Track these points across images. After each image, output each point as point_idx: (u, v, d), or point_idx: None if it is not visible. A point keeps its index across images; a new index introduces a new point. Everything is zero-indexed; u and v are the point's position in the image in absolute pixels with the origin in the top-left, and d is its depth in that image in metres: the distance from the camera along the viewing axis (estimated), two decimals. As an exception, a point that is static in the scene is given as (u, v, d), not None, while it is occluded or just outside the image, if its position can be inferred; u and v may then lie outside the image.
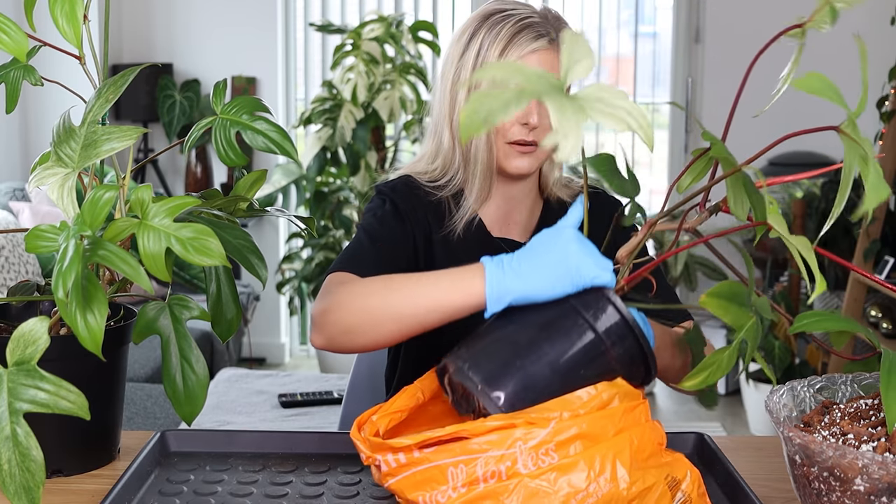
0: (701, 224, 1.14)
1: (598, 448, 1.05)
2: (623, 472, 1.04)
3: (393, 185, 1.58)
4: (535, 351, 1.09)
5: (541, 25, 1.49)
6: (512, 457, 1.03)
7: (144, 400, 3.17)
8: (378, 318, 1.23)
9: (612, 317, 1.10)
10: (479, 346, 1.12)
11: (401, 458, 1.06)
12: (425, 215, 1.56)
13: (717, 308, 1.05)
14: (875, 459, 0.97)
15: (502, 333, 1.13)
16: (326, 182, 4.45)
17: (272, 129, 1.24)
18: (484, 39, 1.50)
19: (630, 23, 4.96)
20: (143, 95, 4.58)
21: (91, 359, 1.09)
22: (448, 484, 1.04)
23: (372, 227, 1.51)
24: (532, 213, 1.63)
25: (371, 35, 4.22)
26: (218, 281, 1.29)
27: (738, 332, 1.07)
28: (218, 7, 4.71)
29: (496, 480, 1.03)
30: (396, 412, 1.17)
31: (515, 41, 1.48)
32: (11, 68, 1.28)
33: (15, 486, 1.04)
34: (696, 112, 4.68)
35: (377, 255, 1.47)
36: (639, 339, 1.11)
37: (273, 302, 4.84)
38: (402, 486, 1.07)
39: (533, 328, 1.11)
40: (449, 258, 1.55)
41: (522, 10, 1.51)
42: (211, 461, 1.30)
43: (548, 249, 1.13)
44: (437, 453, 1.05)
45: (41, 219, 3.78)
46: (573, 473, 1.03)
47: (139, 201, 1.10)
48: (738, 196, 1.09)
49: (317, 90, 4.69)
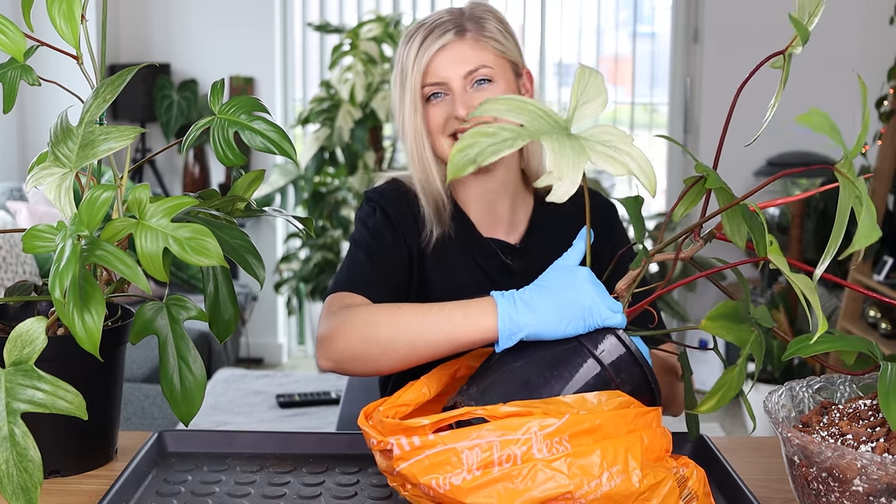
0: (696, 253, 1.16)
1: (612, 442, 1.06)
2: (635, 464, 1.05)
3: (382, 192, 1.58)
4: (544, 386, 1.13)
5: (449, 23, 1.51)
6: (528, 442, 1.04)
7: (142, 400, 3.16)
8: (386, 349, 1.25)
9: (619, 350, 1.14)
10: (488, 383, 1.16)
11: (415, 441, 1.07)
12: (414, 220, 1.56)
13: (719, 329, 1.07)
14: (874, 460, 0.97)
15: (511, 369, 1.16)
16: (324, 182, 4.45)
17: (270, 128, 1.24)
18: (403, 52, 1.53)
19: (628, 23, 4.96)
20: (141, 95, 4.58)
21: (88, 359, 1.09)
22: (462, 467, 1.05)
23: (366, 240, 1.52)
24: (517, 208, 1.61)
25: (369, 35, 4.22)
26: (216, 281, 1.28)
27: (743, 347, 1.08)
28: (215, 7, 4.71)
29: (511, 464, 1.04)
30: (402, 405, 1.19)
31: (423, 45, 1.50)
32: (9, 68, 1.28)
33: (13, 486, 1.04)
34: (694, 112, 4.68)
35: (376, 272, 1.48)
36: (644, 370, 1.15)
37: (271, 302, 4.84)
38: (415, 470, 1.07)
39: (542, 364, 1.15)
40: (441, 260, 1.55)
41: (436, 17, 1.53)
42: (208, 462, 1.29)
43: (562, 288, 1.16)
44: (452, 436, 1.06)
45: (38, 219, 3.78)
46: (586, 460, 1.04)
47: (137, 201, 1.10)
48: (735, 225, 1.09)
49: (315, 90, 4.69)
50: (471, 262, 1.56)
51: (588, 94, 1.01)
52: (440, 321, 1.21)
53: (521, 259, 1.57)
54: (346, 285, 1.44)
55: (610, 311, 1.14)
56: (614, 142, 0.99)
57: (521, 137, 0.94)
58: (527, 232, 1.61)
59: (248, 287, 4.48)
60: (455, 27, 1.50)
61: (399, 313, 1.26)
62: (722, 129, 1.13)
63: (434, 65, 1.49)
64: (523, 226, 1.61)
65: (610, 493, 1.04)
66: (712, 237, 1.15)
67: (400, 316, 1.26)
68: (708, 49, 4.57)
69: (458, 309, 1.21)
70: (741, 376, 1.09)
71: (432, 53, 1.49)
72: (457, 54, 1.49)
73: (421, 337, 1.22)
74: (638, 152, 0.99)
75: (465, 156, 0.92)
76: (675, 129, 4.77)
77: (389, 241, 1.52)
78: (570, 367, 1.14)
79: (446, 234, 1.56)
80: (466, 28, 1.50)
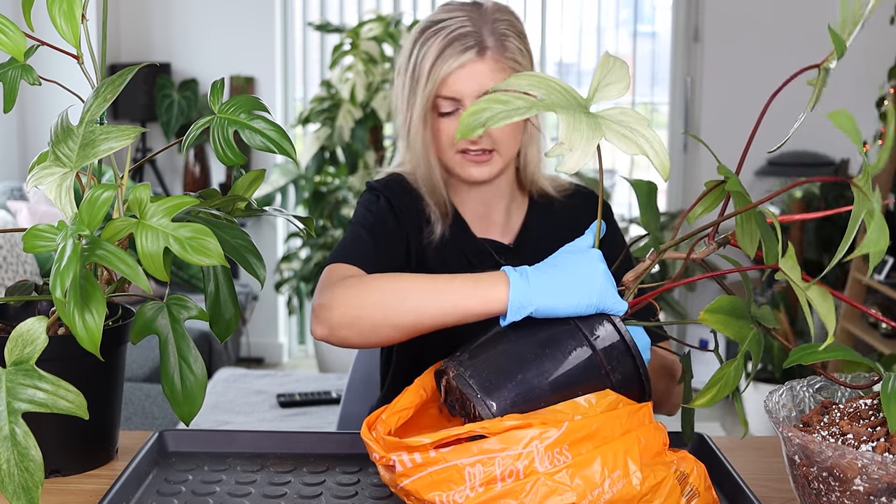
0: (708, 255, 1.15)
1: (610, 447, 1.06)
2: (634, 467, 1.05)
3: (386, 183, 1.58)
4: (537, 366, 1.13)
5: (472, 36, 1.47)
6: (529, 456, 1.04)
7: (143, 400, 3.16)
8: (390, 315, 1.23)
9: (613, 337, 1.14)
10: (483, 355, 1.15)
11: (416, 458, 1.06)
12: (417, 214, 1.56)
13: (717, 323, 1.07)
14: (874, 459, 0.97)
15: (507, 345, 1.16)
16: (325, 182, 4.45)
17: (270, 128, 1.24)
18: (417, 54, 1.49)
19: (629, 22, 4.96)
20: (142, 95, 4.58)
21: (89, 358, 1.09)
22: (465, 484, 1.04)
23: (368, 221, 1.51)
24: (512, 212, 1.62)
25: (370, 34, 4.21)
26: (216, 281, 1.28)
27: (741, 344, 1.08)
28: (216, 6, 4.71)
29: (514, 479, 1.04)
30: (403, 409, 1.18)
31: (442, 56, 1.46)
32: (9, 68, 1.28)
33: (14, 485, 1.04)
34: (694, 112, 4.68)
35: (376, 249, 1.46)
36: (636, 362, 1.14)
37: (271, 302, 4.84)
38: (418, 487, 1.06)
39: (537, 343, 1.14)
40: (438, 258, 1.55)
41: (457, 19, 1.48)
42: (209, 461, 1.29)
43: (576, 268, 1.15)
44: (454, 453, 1.05)
45: (39, 218, 3.78)
46: (588, 470, 1.04)
47: (137, 201, 1.10)
48: (747, 231, 1.09)
49: (315, 90, 4.69)
50: (465, 263, 1.56)
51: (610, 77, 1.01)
52: (449, 290, 1.19)
53: (515, 259, 1.56)
54: (345, 257, 1.41)
55: (617, 298, 1.14)
56: (631, 123, 0.99)
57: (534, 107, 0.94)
58: (520, 233, 1.61)
59: (248, 286, 4.48)
60: (476, 44, 1.46)
61: (405, 280, 1.24)
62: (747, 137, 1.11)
63: (450, 80, 1.47)
64: (517, 227, 1.61)
65: (612, 499, 1.04)
66: (727, 242, 1.14)
67: (406, 282, 1.23)
68: (708, 48, 4.57)
69: (468, 280, 1.19)
70: (738, 372, 1.09)
71: (451, 70, 1.46)
72: (475, 74, 1.46)
73: (427, 305, 1.20)
74: (653, 135, 0.99)
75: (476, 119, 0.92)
76: (675, 129, 4.76)
77: (392, 227, 1.51)
78: (563, 347, 1.13)
79: (443, 234, 1.56)
80: (487, 46, 1.46)
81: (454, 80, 1.47)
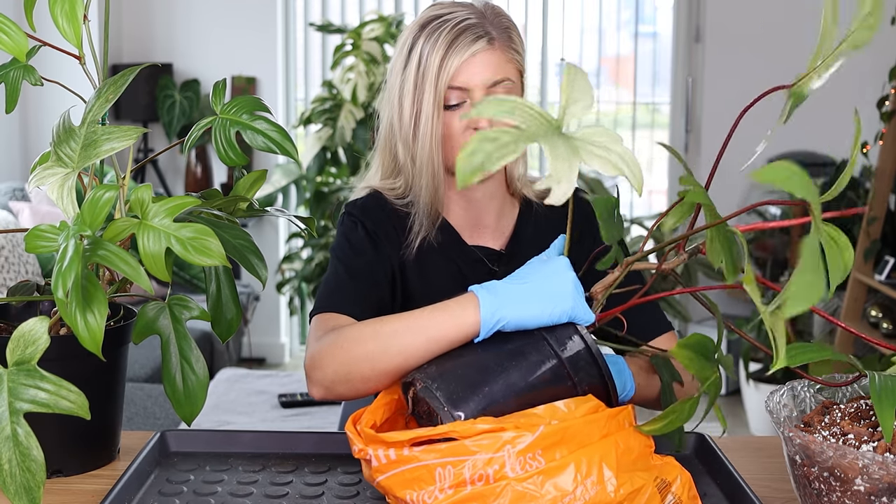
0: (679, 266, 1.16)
1: (585, 451, 1.05)
2: (610, 474, 1.04)
3: (363, 205, 1.55)
4: (503, 377, 1.14)
5: (479, 27, 1.46)
6: (500, 460, 1.03)
7: (144, 400, 3.17)
8: (376, 364, 1.23)
9: (578, 346, 1.15)
10: (449, 367, 1.16)
11: (391, 455, 1.07)
12: (396, 233, 1.53)
13: (685, 358, 1.09)
14: (875, 459, 0.97)
15: (473, 356, 1.17)
16: (326, 182, 4.45)
17: (272, 128, 1.24)
18: (423, 49, 1.47)
19: (630, 22, 4.96)
20: (143, 95, 4.58)
21: (91, 359, 1.09)
22: (435, 485, 1.04)
23: (348, 257, 1.49)
24: (503, 215, 1.59)
25: (371, 35, 4.22)
26: (218, 281, 1.29)
27: (702, 383, 1.10)
28: (218, 7, 4.71)
29: (483, 483, 1.03)
30: (383, 405, 1.20)
31: (455, 47, 1.45)
32: (11, 68, 1.28)
33: (15, 486, 1.04)
34: (696, 112, 4.68)
35: (357, 289, 1.45)
36: (602, 371, 1.15)
37: (273, 302, 4.84)
38: (392, 484, 1.07)
39: (503, 355, 1.16)
40: (424, 270, 1.53)
41: (459, 13, 1.48)
42: (211, 461, 1.30)
43: (547, 280, 1.17)
44: (426, 452, 1.05)
45: (41, 219, 3.78)
46: (560, 476, 1.03)
47: (139, 201, 1.10)
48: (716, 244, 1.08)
49: (317, 90, 4.69)
50: (454, 271, 1.54)
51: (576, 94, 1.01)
52: (425, 324, 1.20)
53: (508, 265, 1.54)
54: (329, 305, 1.42)
55: (586, 308, 1.16)
56: (606, 143, 0.99)
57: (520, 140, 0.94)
58: (512, 237, 1.58)
59: (250, 287, 4.48)
60: (486, 33, 1.46)
61: (383, 326, 1.24)
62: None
63: (463, 69, 1.45)
64: (508, 231, 1.59)
65: None
66: (697, 252, 1.14)
67: (385, 328, 1.23)
68: (710, 49, 4.57)
69: (438, 310, 1.20)
70: (692, 410, 1.10)
71: (463, 59, 1.44)
72: (487, 63, 1.45)
73: (411, 344, 1.20)
74: (626, 152, 1.00)
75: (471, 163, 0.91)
76: (676, 129, 4.76)
77: (371, 257, 1.50)
78: (529, 357, 1.14)
79: (428, 243, 1.53)
80: (494, 37, 1.46)
81: (466, 69, 1.45)
